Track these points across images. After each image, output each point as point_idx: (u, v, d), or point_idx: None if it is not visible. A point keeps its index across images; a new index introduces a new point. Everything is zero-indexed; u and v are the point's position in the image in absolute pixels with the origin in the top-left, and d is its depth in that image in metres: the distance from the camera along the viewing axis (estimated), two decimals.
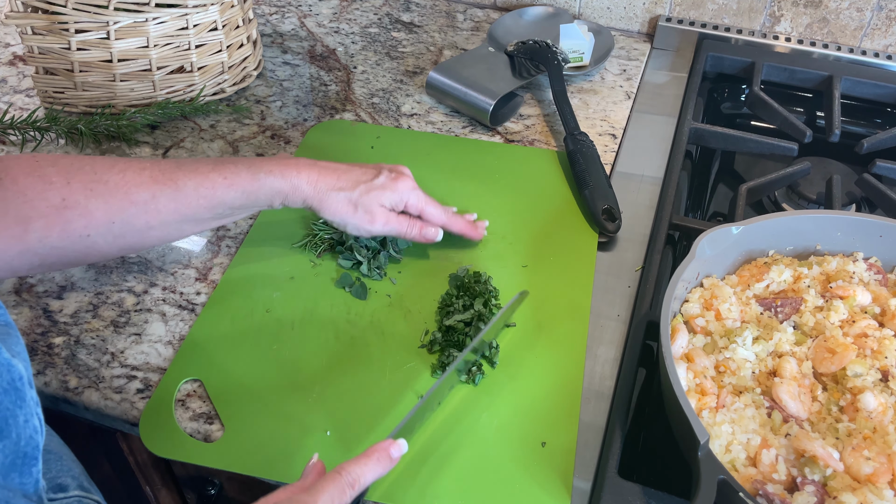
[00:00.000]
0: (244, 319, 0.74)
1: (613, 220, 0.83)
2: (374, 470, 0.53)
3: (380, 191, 0.72)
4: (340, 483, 0.51)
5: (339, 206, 0.71)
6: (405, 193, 0.74)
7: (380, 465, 0.54)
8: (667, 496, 0.60)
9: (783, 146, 0.94)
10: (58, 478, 0.55)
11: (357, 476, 0.52)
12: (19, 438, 0.48)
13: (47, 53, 0.93)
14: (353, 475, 0.52)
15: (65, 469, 0.56)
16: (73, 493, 0.54)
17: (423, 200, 0.76)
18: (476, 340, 0.67)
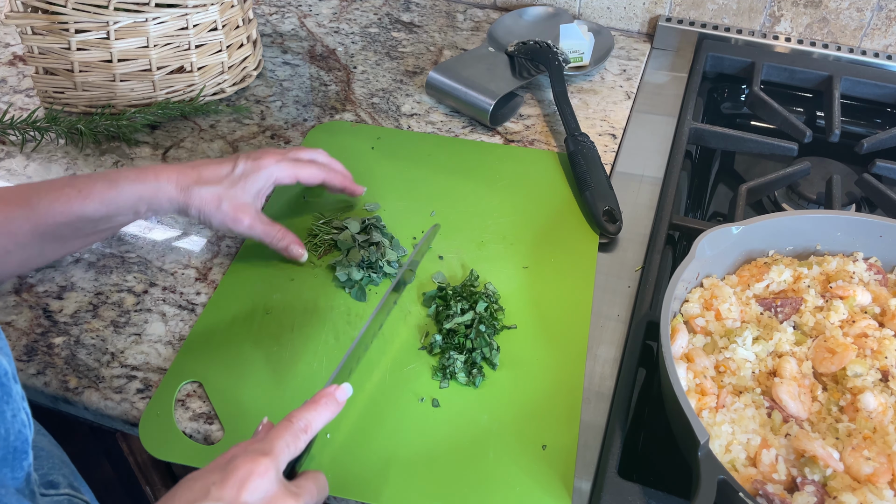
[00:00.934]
0: (244, 321, 0.74)
1: (614, 222, 0.83)
2: (323, 414, 0.55)
3: (243, 180, 0.70)
4: (293, 429, 0.53)
5: (204, 201, 0.69)
6: (270, 170, 0.71)
7: (328, 409, 0.55)
8: (667, 496, 0.60)
9: (783, 146, 0.94)
10: (49, 475, 0.55)
11: (308, 421, 0.54)
12: (8, 433, 0.49)
13: (47, 53, 0.93)
14: (304, 420, 0.53)
15: (55, 467, 0.56)
16: (63, 490, 0.55)
17: (294, 168, 0.72)
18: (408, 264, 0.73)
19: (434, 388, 0.69)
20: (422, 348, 0.72)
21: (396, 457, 0.64)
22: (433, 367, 0.70)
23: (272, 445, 0.51)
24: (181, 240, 0.83)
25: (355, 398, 0.67)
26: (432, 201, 0.87)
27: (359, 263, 0.77)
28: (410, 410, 0.67)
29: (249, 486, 0.48)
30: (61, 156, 0.93)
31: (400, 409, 0.67)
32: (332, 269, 0.78)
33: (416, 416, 0.66)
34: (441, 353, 0.71)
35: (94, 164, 0.92)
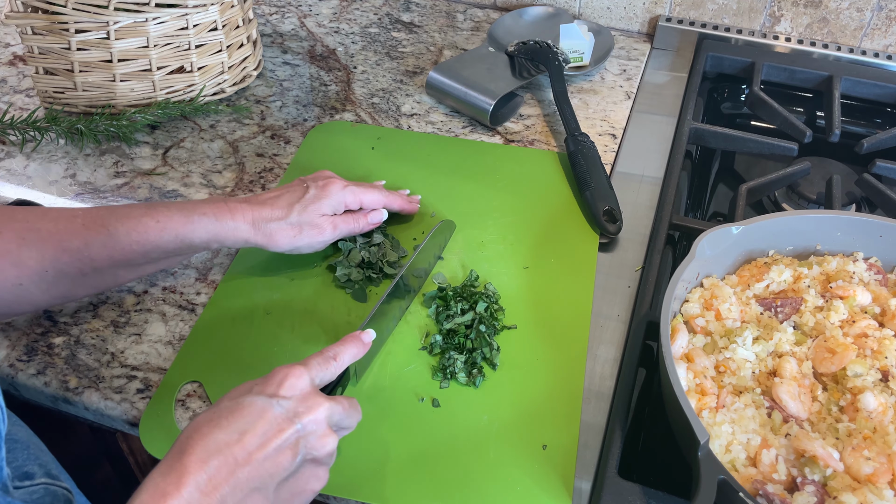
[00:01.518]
0: (244, 321, 0.74)
1: (614, 222, 0.83)
2: (350, 350, 0.62)
3: (316, 203, 0.73)
4: (324, 354, 0.60)
5: (284, 234, 0.71)
6: (340, 195, 0.75)
7: (354, 347, 0.62)
8: (667, 496, 0.60)
9: (783, 146, 0.94)
10: (24, 466, 0.55)
11: (337, 352, 0.60)
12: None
13: (47, 53, 0.93)
14: (333, 351, 0.60)
15: (31, 458, 0.56)
16: (39, 480, 0.55)
17: (358, 193, 0.77)
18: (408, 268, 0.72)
19: (434, 388, 0.69)
20: (422, 348, 0.72)
21: (397, 457, 0.64)
22: (433, 367, 0.70)
23: (306, 361, 0.58)
24: None
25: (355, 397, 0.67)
26: (433, 202, 0.87)
27: (359, 264, 0.77)
28: (411, 410, 0.67)
29: (286, 384, 0.55)
30: (61, 156, 0.93)
31: (400, 410, 0.67)
32: (333, 270, 0.78)
33: (417, 417, 0.66)
34: (441, 354, 0.71)
35: (94, 164, 0.92)
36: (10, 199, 0.84)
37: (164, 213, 0.67)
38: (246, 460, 0.50)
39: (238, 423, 0.51)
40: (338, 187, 0.75)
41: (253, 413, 0.52)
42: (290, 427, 0.53)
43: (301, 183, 0.76)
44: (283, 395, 0.54)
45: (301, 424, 0.53)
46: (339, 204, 0.75)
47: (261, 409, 0.53)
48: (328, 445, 0.55)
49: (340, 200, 0.75)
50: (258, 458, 0.51)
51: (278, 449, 0.52)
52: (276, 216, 0.71)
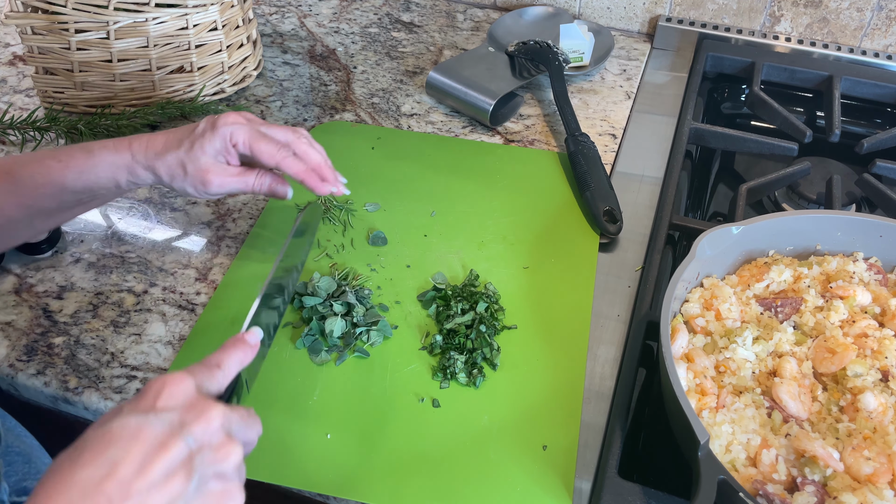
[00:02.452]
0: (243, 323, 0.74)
1: (615, 222, 0.83)
2: (235, 355, 0.52)
3: (201, 139, 0.64)
4: (206, 364, 0.50)
5: (170, 167, 0.65)
6: (226, 129, 0.64)
7: (239, 350, 0.53)
8: (667, 496, 0.60)
9: (783, 146, 0.94)
10: (23, 481, 0.54)
11: (219, 359, 0.51)
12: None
13: (47, 53, 0.93)
14: (215, 359, 0.51)
15: (32, 472, 0.55)
16: None
17: (249, 135, 0.65)
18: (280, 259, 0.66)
19: (434, 388, 0.69)
20: (422, 349, 0.72)
21: (397, 457, 0.64)
22: (433, 367, 0.70)
23: (187, 368, 0.49)
24: (181, 240, 0.83)
25: (356, 400, 0.68)
26: (432, 201, 0.87)
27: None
28: (411, 411, 0.67)
29: (164, 394, 0.45)
30: None
31: (400, 410, 0.67)
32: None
33: (417, 417, 0.66)
34: (441, 354, 0.71)
35: None
36: None
37: (66, 153, 0.64)
38: (124, 496, 0.40)
39: (108, 453, 0.41)
40: (228, 120, 0.65)
41: (124, 436, 0.42)
42: (176, 442, 0.43)
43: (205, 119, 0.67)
44: (163, 407, 0.44)
45: (191, 436, 0.43)
46: (223, 140, 0.65)
47: (134, 430, 0.42)
48: (231, 456, 0.45)
49: (226, 134, 0.65)
50: (140, 488, 0.41)
51: (167, 472, 0.42)
52: (167, 147, 0.65)
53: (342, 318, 0.72)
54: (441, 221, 0.85)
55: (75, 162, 0.64)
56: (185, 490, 0.42)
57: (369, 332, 0.72)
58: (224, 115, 0.66)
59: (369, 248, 0.82)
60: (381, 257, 0.81)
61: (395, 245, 0.82)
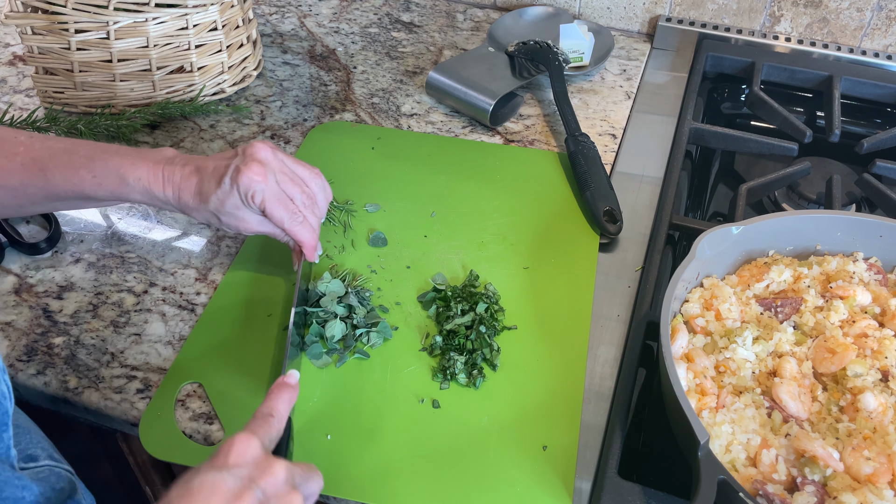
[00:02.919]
0: (245, 322, 0.74)
1: (615, 222, 0.83)
2: (281, 398, 0.58)
3: (227, 195, 0.67)
4: (258, 414, 0.56)
5: (206, 218, 0.70)
6: (245, 187, 0.66)
7: (285, 394, 0.58)
8: (667, 496, 0.60)
9: (783, 146, 0.94)
10: (28, 449, 0.56)
11: (270, 408, 0.57)
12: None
13: (47, 53, 0.93)
14: (266, 408, 0.57)
15: (34, 441, 0.57)
16: (43, 462, 0.55)
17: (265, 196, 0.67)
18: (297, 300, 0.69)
19: (434, 389, 0.69)
20: (422, 349, 0.72)
21: (397, 458, 0.63)
22: (433, 368, 0.70)
23: (247, 427, 0.54)
24: (181, 240, 0.83)
25: (356, 401, 0.68)
26: (432, 202, 0.87)
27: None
28: (411, 412, 0.67)
29: (233, 452, 0.51)
30: None
31: (400, 411, 0.67)
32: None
33: (417, 418, 0.66)
34: (441, 355, 0.71)
35: None
36: None
37: (101, 168, 0.67)
38: None
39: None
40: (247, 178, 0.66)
41: (204, 490, 0.48)
42: (248, 494, 0.48)
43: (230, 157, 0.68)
44: (235, 464, 0.50)
45: (260, 490, 0.49)
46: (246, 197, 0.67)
47: (212, 485, 0.48)
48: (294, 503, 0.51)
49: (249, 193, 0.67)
50: None
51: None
52: (197, 202, 0.68)
53: (342, 320, 0.72)
54: (441, 222, 0.85)
55: (108, 183, 0.67)
56: None
57: (369, 333, 0.72)
58: (249, 161, 0.67)
59: (369, 248, 0.82)
60: (381, 258, 0.81)
61: (395, 246, 0.82)
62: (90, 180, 0.67)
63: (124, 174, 0.67)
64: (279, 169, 0.69)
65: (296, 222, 0.69)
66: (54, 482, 0.54)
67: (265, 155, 0.68)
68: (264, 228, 0.70)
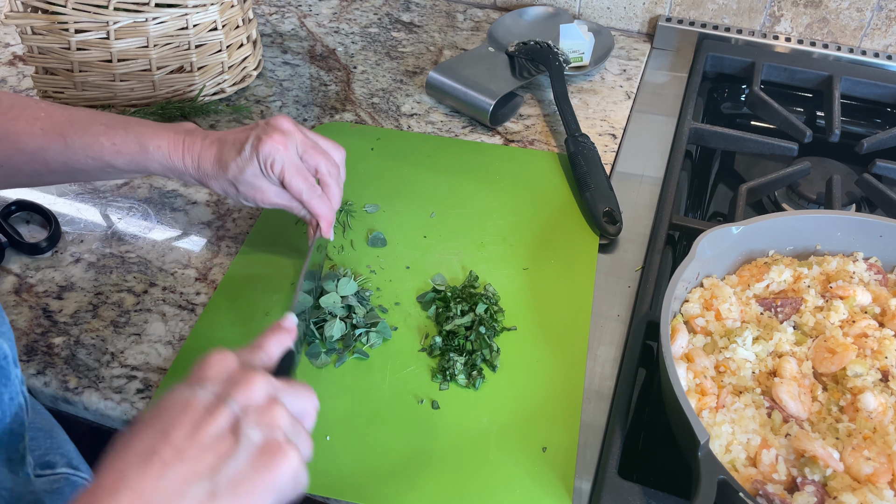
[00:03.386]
0: (243, 323, 0.74)
1: (614, 223, 0.83)
2: (273, 336, 0.55)
3: (247, 163, 0.67)
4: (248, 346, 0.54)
5: (224, 187, 0.69)
6: (265, 154, 0.66)
7: (275, 332, 0.56)
8: (667, 496, 0.60)
9: (783, 146, 0.94)
10: (46, 455, 0.55)
11: (259, 341, 0.55)
12: (5, 416, 0.50)
13: (47, 53, 0.93)
14: (256, 342, 0.55)
15: (53, 447, 0.57)
16: (60, 470, 0.55)
17: (284, 165, 0.67)
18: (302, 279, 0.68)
19: (434, 390, 0.68)
20: (421, 350, 0.72)
21: (396, 459, 0.63)
22: (433, 369, 0.70)
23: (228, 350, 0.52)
24: (181, 240, 0.83)
25: (355, 402, 0.67)
26: (432, 202, 0.87)
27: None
28: (410, 413, 0.67)
29: (206, 367, 0.49)
30: None
31: (399, 412, 0.67)
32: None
33: (416, 419, 0.66)
34: (441, 355, 0.70)
35: None
36: (10, 200, 0.84)
37: (122, 137, 0.67)
38: (176, 457, 0.44)
39: (160, 423, 0.46)
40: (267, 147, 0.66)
41: (175, 408, 0.46)
42: (221, 408, 0.46)
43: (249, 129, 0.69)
44: (208, 378, 0.48)
45: (234, 402, 0.47)
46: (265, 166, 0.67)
47: (183, 402, 0.47)
48: (278, 418, 0.48)
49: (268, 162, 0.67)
50: (191, 450, 0.44)
51: (214, 435, 0.45)
52: (215, 171, 0.68)
53: (341, 320, 0.72)
54: (441, 222, 0.85)
55: (128, 150, 0.67)
56: (234, 450, 0.45)
57: (369, 333, 0.72)
58: (271, 131, 0.67)
59: (369, 249, 0.82)
60: (381, 258, 0.81)
61: (394, 246, 0.82)
62: (109, 147, 0.67)
63: (145, 142, 0.67)
64: (301, 140, 0.69)
65: (314, 195, 0.69)
66: (68, 493, 0.54)
67: (287, 126, 0.68)
68: (281, 200, 0.70)
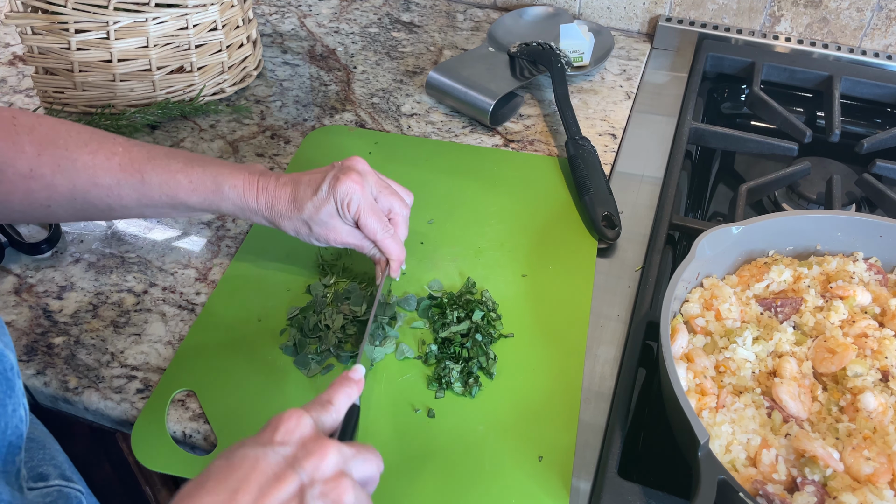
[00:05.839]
0: (238, 328, 0.73)
1: (613, 228, 0.83)
2: (341, 390, 0.56)
3: (323, 203, 0.68)
4: (319, 401, 0.54)
5: (297, 227, 0.70)
6: (342, 194, 0.67)
7: (343, 387, 0.56)
8: (667, 496, 0.60)
9: (783, 146, 0.94)
10: (39, 467, 0.55)
11: (329, 395, 0.55)
12: (6, 427, 0.49)
13: (47, 53, 0.93)
14: (325, 396, 0.55)
15: (47, 458, 0.56)
16: (53, 482, 0.55)
17: (360, 205, 0.68)
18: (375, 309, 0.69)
19: (430, 398, 0.68)
20: (417, 357, 0.71)
21: (392, 468, 0.62)
22: (428, 376, 0.69)
23: (302, 407, 0.52)
24: (181, 240, 0.83)
25: None
26: (430, 208, 0.86)
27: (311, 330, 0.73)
28: (406, 421, 0.66)
29: (281, 429, 0.49)
30: None
31: (395, 420, 0.66)
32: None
33: (412, 427, 0.66)
34: (437, 363, 0.70)
35: None
36: None
37: (199, 175, 0.68)
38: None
39: (229, 482, 0.45)
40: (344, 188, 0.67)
41: (244, 466, 0.46)
42: (290, 475, 0.46)
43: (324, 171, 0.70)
44: (280, 442, 0.48)
45: (304, 471, 0.46)
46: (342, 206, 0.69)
47: (253, 461, 0.46)
48: (344, 494, 0.47)
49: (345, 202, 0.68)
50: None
51: (280, 502, 0.45)
52: (289, 212, 0.70)
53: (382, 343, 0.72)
54: (438, 228, 0.84)
55: (203, 189, 0.68)
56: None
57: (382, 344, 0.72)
58: (347, 171, 0.68)
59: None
60: None
61: None
62: (186, 185, 0.67)
63: (221, 182, 0.68)
64: (375, 181, 0.71)
65: (387, 235, 0.70)
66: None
67: (363, 167, 0.70)
68: (353, 240, 0.71)
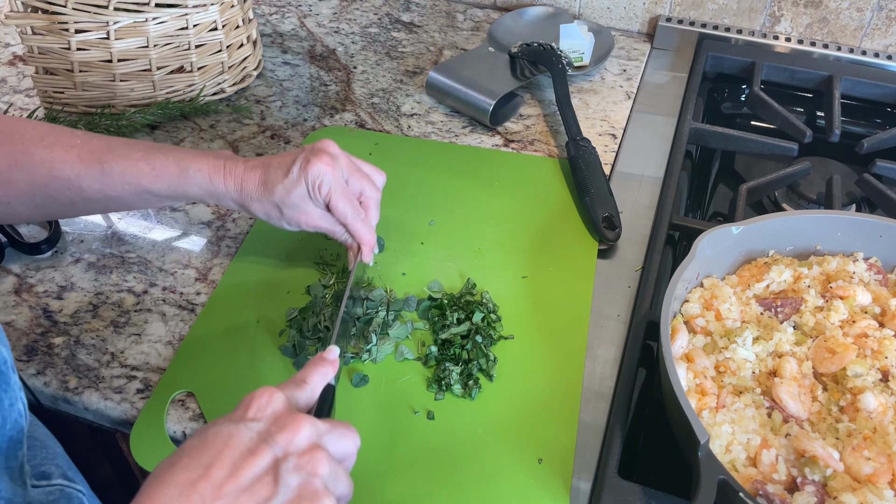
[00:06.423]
0: (237, 330, 0.73)
1: (613, 229, 0.83)
2: (315, 369, 0.56)
3: (294, 185, 0.67)
4: (293, 380, 0.54)
5: (267, 210, 0.69)
6: (313, 176, 0.67)
7: (318, 366, 0.56)
8: (667, 496, 0.60)
9: (783, 146, 0.94)
10: (41, 465, 0.55)
11: (303, 375, 0.55)
12: (5, 422, 0.49)
13: (47, 53, 0.93)
14: (299, 375, 0.55)
15: (49, 457, 0.56)
16: (56, 481, 0.55)
17: (331, 187, 0.68)
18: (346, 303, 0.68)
19: (429, 399, 0.68)
20: (417, 359, 0.71)
21: (391, 470, 0.62)
22: (428, 378, 0.69)
23: (274, 386, 0.52)
24: (181, 240, 0.83)
25: (349, 408, 0.67)
26: (430, 209, 0.86)
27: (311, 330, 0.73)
28: (405, 423, 0.66)
29: (254, 405, 0.49)
30: None
31: (394, 422, 0.66)
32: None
33: (411, 429, 0.65)
34: (436, 365, 0.69)
35: None
36: None
37: (161, 161, 0.66)
38: (215, 496, 0.43)
39: (202, 458, 0.45)
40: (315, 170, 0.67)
41: (217, 443, 0.46)
42: (263, 449, 0.46)
43: (295, 154, 0.69)
44: (253, 418, 0.48)
45: (277, 445, 0.47)
46: (313, 188, 0.68)
47: (226, 437, 0.46)
48: (319, 466, 0.47)
49: (316, 184, 0.68)
50: (230, 490, 0.44)
51: (254, 477, 0.45)
52: (259, 194, 0.68)
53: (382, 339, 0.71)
54: (438, 229, 0.84)
55: (167, 174, 0.67)
56: (273, 494, 0.45)
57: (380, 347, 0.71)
58: (318, 153, 0.68)
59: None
60: (377, 265, 0.80)
61: (390, 253, 0.81)
62: (148, 172, 0.66)
63: (185, 165, 0.67)
64: (346, 164, 0.70)
65: (358, 219, 0.70)
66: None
67: (334, 149, 0.69)
68: (325, 224, 0.70)
